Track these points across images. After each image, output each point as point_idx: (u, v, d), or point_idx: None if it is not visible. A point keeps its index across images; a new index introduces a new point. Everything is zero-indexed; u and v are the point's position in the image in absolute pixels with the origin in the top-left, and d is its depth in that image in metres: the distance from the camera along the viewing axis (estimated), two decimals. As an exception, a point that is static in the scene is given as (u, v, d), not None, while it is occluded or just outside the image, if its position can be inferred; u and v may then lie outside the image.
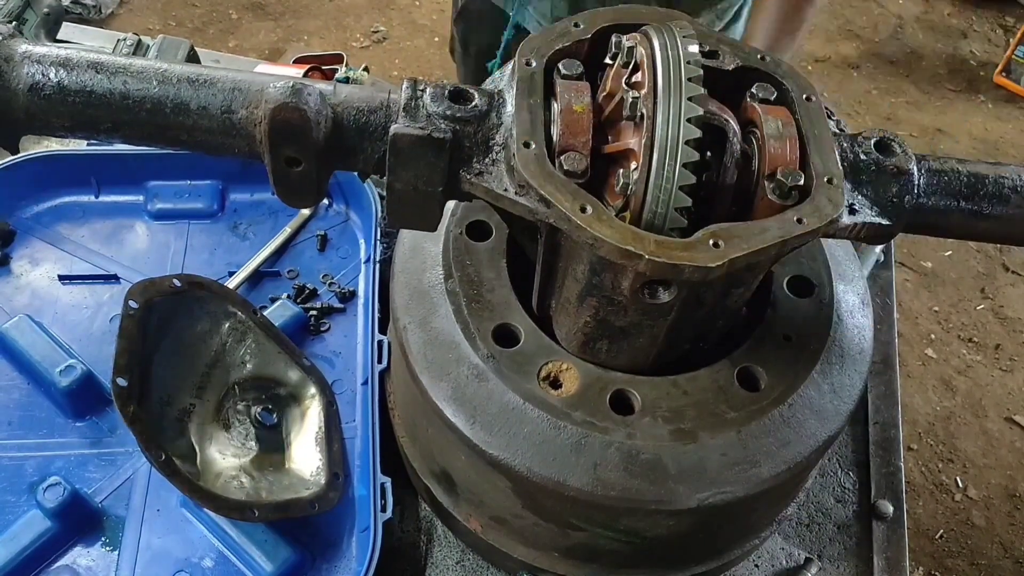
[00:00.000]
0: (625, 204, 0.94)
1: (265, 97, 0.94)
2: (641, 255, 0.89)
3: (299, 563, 1.31)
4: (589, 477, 1.05)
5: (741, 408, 1.11)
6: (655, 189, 0.92)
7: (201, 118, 0.98)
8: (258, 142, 0.97)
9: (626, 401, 1.10)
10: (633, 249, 0.90)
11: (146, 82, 0.97)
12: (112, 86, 0.96)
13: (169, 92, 0.97)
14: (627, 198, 0.94)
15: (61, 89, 0.95)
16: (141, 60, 1.00)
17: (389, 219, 1.03)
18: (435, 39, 4.05)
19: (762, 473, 1.08)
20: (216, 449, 1.33)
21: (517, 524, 1.20)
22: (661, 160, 0.91)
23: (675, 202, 0.92)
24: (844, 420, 1.15)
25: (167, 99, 0.97)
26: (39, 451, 1.41)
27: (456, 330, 1.13)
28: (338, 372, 1.52)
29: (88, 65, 0.96)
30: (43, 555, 1.30)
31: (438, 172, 0.97)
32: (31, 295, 1.59)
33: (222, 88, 0.98)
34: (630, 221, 0.93)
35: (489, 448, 1.07)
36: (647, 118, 0.92)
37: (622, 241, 0.90)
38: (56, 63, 0.95)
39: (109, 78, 0.96)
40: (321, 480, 1.32)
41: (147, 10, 4.03)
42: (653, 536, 1.15)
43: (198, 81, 0.98)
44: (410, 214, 1.02)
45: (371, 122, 0.98)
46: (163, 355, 1.34)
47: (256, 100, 0.96)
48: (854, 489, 1.50)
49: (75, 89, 0.96)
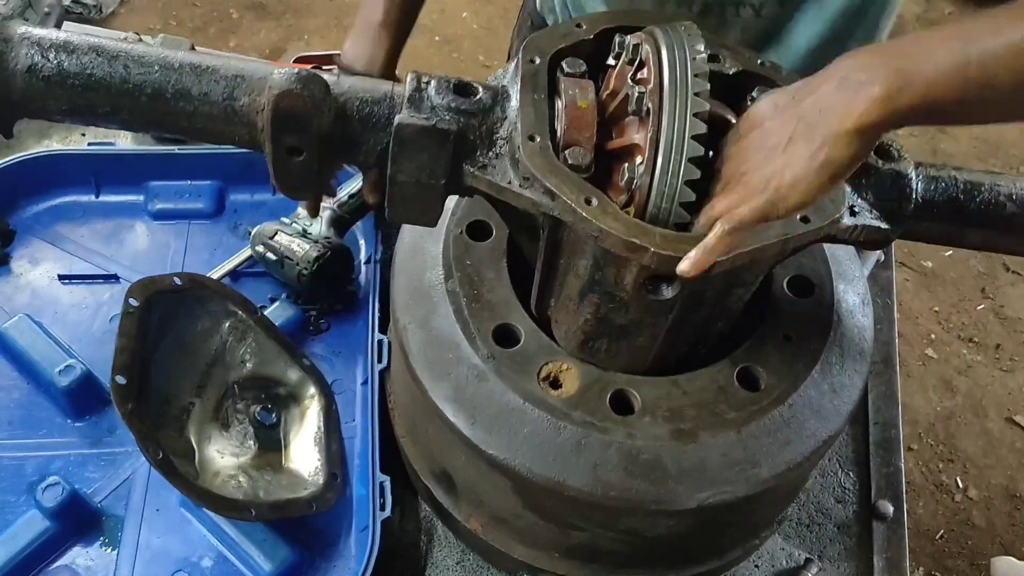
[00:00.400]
0: (629, 199, 0.95)
1: (269, 83, 0.94)
2: (647, 248, 0.90)
3: (298, 562, 1.31)
4: (589, 477, 1.05)
5: (741, 408, 1.11)
6: (660, 184, 0.92)
7: (202, 104, 0.97)
8: (260, 130, 0.96)
9: (626, 401, 1.10)
10: (639, 242, 0.90)
11: (147, 67, 0.96)
12: (112, 69, 0.96)
13: (171, 78, 0.97)
14: (631, 192, 0.94)
15: (60, 71, 0.95)
16: (142, 46, 0.99)
17: (389, 214, 1.03)
18: (435, 39, 4.05)
19: (762, 473, 1.08)
20: (215, 448, 1.33)
21: (517, 524, 1.20)
22: (667, 155, 0.91)
23: (680, 197, 0.92)
24: (844, 420, 1.15)
25: (168, 84, 0.96)
26: (38, 451, 1.40)
27: (456, 330, 1.13)
28: (338, 372, 1.52)
29: (88, 48, 0.96)
30: (42, 555, 1.30)
31: (441, 164, 0.97)
32: (31, 295, 1.59)
33: (225, 75, 0.98)
34: (634, 215, 0.94)
35: (489, 448, 1.07)
36: (653, 113, 0.92)
37: (628, 233, 0.90)
38: (55, 46, 0.95)
39: (109, 62, 0.96)
40: (319, 480, 1.31)
41: (147, 9, 4.02)
42: (653, 536, 1.15)
43: (200, 68, 0.98)
44: (411, 208, 1.02)
45: (375, 113, 0.98)
46: (163, 353, 1.34)
47: (259, 88, 0.96)
48: (854, 489, 1.50)
49: (74, 72, 0.95)
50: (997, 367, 3.20)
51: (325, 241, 1.55)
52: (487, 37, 4.04)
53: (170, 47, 1.79)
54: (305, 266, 1.52)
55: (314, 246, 1.53)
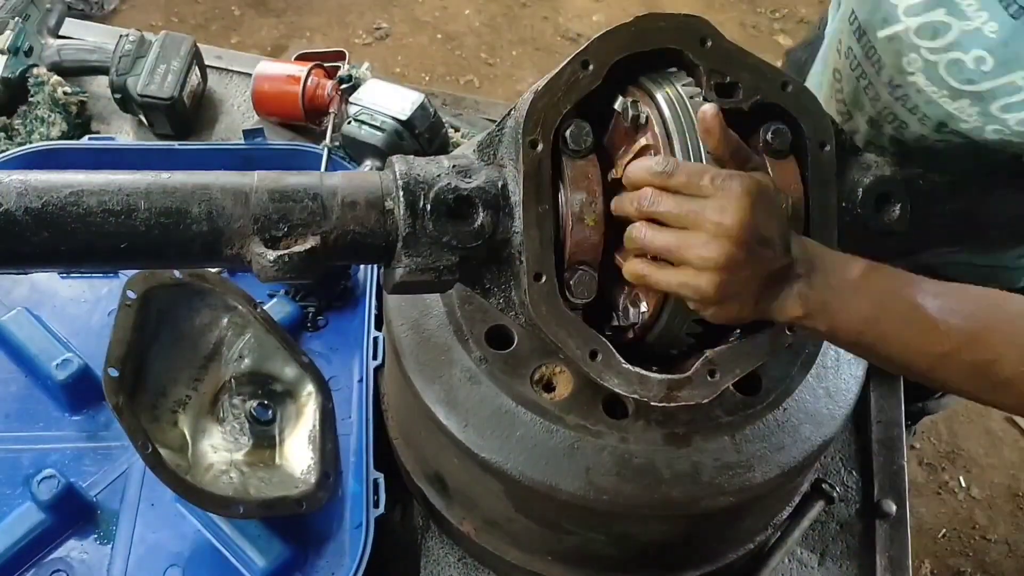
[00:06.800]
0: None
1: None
2: (646, 400, 0.97)
3: (292, 558, 1.31)
4: (582, 481, 1.05)
5: (735, 412, 1.10)
6: (665, 330, 0.98)
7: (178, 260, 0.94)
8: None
9: (620, 404, 1.10)
10: (639, 396, 0.96)
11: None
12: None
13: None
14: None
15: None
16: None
17: None
18: (437, 36, 4.03)
19: (755, 478, 1.08)
20: (208, 443, 1.33)
21: (510, 528, 1.20)
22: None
23: (687, 328, 0.98)
24: (839, 425, 1.15)
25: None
26: (35, 444, 1.41)
27: (449, 332, 1.12)
28: (335, 368, 1.52)
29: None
30: (37, 548, 1.30)
31: (444, 287, 0.98)
32: (30, 288, 1.59)
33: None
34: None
35: (481, 451, 1.07)
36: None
37: (628, 388, 0.96)
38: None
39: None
40: (311, 479, 1.31)
41: (150, 6, 4.01)
42: (646, 540, 1.15)
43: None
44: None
45: (372, 246, 0.94)
46: (161, 346, 1.33)
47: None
48: (857, 488, 1.49)
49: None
50: (1001, 366, 3.19)
51: None
52: (489, 34, 4.03)
53: (172, 44, 1.79)
54: None
55: None
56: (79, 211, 0.86)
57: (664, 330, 0.98)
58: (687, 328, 0.97)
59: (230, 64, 1.96)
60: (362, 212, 0.92)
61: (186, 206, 0.89)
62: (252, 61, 1.93)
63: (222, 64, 1.96)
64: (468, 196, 0.93)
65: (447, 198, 0.92)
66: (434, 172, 0.93)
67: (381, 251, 0.94)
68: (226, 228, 0.89)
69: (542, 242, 0.93)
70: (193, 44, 1.82)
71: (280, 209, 0.90)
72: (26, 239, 0.84)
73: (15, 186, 0.84)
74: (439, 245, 0.93)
